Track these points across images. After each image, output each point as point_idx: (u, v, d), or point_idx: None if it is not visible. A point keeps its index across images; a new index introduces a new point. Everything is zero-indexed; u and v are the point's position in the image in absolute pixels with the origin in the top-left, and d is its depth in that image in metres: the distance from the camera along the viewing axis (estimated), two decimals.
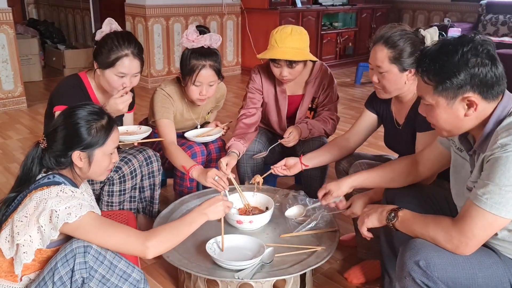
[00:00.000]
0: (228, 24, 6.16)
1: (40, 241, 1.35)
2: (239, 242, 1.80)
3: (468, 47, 1.26)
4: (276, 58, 2.21)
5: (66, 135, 1.44)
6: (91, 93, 2.10)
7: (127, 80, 2.01)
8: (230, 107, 4.58)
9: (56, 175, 1.45)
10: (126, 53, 1.98)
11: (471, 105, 1.30)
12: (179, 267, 1.70)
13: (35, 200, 1.35)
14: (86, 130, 1.44)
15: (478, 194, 1.26)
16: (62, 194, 1.36)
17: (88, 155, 1.46)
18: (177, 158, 2.14)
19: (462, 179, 1.45)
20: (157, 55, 5.55)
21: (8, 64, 4.49)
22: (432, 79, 1.31)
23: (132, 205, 2.20)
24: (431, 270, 1.29)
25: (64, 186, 1.41)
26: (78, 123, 1.44)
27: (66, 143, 1.44)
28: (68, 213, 1.32)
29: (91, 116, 1.46)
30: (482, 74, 1.26)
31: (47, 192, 1.36)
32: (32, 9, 8.62)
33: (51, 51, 6.53)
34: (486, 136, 1.32)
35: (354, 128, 2.15)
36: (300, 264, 1.70)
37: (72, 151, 1.44)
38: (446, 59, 1.28)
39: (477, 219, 1.26)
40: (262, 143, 2.46)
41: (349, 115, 4.56)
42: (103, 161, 1.50)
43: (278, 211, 2.05)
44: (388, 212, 1.49)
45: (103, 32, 2.04)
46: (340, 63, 6.83)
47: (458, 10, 7.05)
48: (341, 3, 6.73)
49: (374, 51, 1.82)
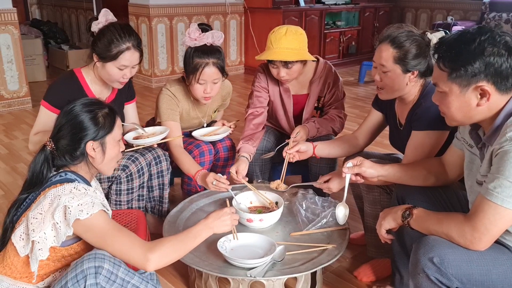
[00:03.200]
0: (232, 24, 6.16)
1: (55, 238, 1.36)
2: (250, 240, 1.80)
3: (486, 36, 1.27)
4: (271, 59, 2.22)
5: (74, 130, 1.44)
6: (85, 87, 2.10)
7: (127, 71, 2.03)
8: (234, 106, 4.58)
9: (68, 173, 1.45)
10: (128, 46, 1.99)
11: (484, 95, 1.29)
12: (190, 265, 1.70)
13: (49, 197, 1.36)
14: (92, 120, 1.45)
15: (489, 188, 1.26)
16: (75, 191, 1.37)
17: (101, 143, 1.47)
18: (183, 162, 2.17)
19: (473, 174, 1.45)
20: (161, 54, 5.55)
21: (13, 64, 4.50)
22: (447, 66, 1.32)
23: (140, 204, 2.20)
24: (445, 267, 1.29)
25: (77, 183, 1.42)
26: (81, 115, 1.45)
27: (76, 137, 1.44)
28: (80, 210, 1.32)
29: (92, 106, 1.47)
30: (498, 64, 1.26)
31: (61, 189, 1.37)
32: (35, 10, 8.63)
33: (55, 51, 6.54)
34: (496, 129, 1.32)
35: (363, 126, 2.16)
36: (311, 262, 1.70)
37: (84, 142, 1.44)
38: (462, 47, 1.29)
39: (489, 213, 1.26)
40: (270, 142, 2.46)
41: (353, 114, 4.56)
42: (114, 148, 1.52)
43: (288, 209, 2.05)
44: (402, 211, 1.50)
45: (99, 23, 2.04)
46: (343, 62, 6.82)
47: (461, 8, 7.04)
48: (344, 2, 6.72)
49: (380, 49, 1.82)
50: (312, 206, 2.01)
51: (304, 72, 2.36)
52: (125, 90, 2.26)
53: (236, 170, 2.12)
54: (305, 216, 1.97)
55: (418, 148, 1.81)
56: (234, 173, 2.11)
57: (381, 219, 1.59)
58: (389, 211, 1.57)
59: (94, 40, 2.03)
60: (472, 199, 1.46)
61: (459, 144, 1.60)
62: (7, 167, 3.26)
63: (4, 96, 4.53)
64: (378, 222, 1.60)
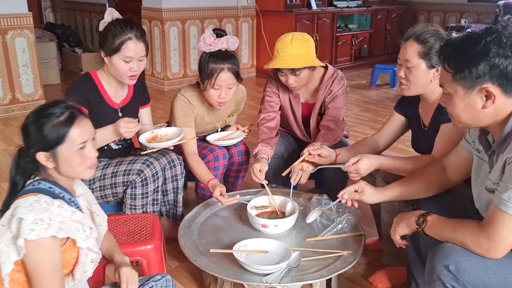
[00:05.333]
0: (244, 27, 6.18)
1: (17, 252, 1.22)
2: (265, 246, 1.80)
3: (492, 37, 1.25)
4: (278, 68, 2.22)
5: (24, 138, 1.34)
6: (101, 89, 2.13)
7: (134, 64, 2.04)
8: (246, 109, 4.57)
9: (41, 181, 1.33)
10: (130, 36, 2.01)
11: (489, 97, 1.27)
12: (206, 270, 1.71)
13: (12, 207, 1.25)
14: (37, 131, 1.30)
15: (503, 198, 1.25)
16: (36, 205, 1.23)
17: (51, 154, 1.31)
18: (196, 171, 2.19)
19: (481, 180, 1.44)
20: (173, 58, 5.58)
21: (28, 67, 4.56)
22: (452, 67, 1.30)
23: (155, 208, 2.21)
24: (461, 275, 1.28)
25: (41, 196, 1.27)
26: (29, 124, 1.32)
27: (28, 145, 1.33)
28: (31, 229, 1.18)
29: (41, 114, 1.32)
30: (503, 66, 1.24)
31: (23, 201, 1.25)
32: (49, 13, 8.72)
33: (69, 54, 6.61)
34: (506, 136, 1.30)
35: (383, 130, 2.16)
36: (326, 269, 1.70)
37: (31, 153, 1.31)
38: (468, 48, 1.27)
39: (504, 223, 1.25)
40: (284, 145, 2.47)
41: (365, 117, 4.55)
42: (72, 158, 1.33)
43: (302, 215, 2.05)
44: (417, 217, 1.49)
45: (105, 23, 2.08)
46: (355, 65, 6.81)
47: (474, 11, 6.98)
48: (356, 5, 6.71)
49: (405, 46, 1.84)
50: (327, 211, 2.00)
51: (314, 80, 2.36)
52: (140, 93, 2.29)
53: (260, 169, 2.14)
54: (319, 221, 1.97)
55: (447, 139, 1.80)
56: (258, 172, 2.13)
57: (395, 225, 1.58)
58: (403, 217, 1.56)
59: (100, 37, 2.08)
60: (480, 205, 1.46)
61: (468, 147, 1.58)
62: None
63: (20, 99, 4.59)
64: (392, 228, 1.60)
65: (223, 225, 2.04)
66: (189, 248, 1.83)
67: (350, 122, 4.34)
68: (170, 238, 2.21)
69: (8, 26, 4.36)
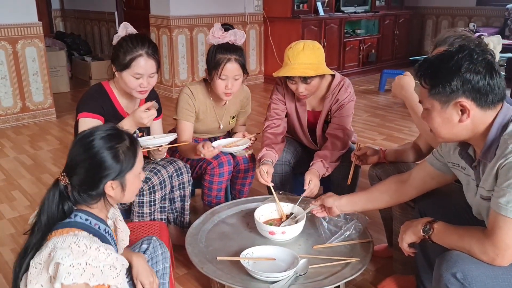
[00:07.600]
0: (251, 33, 6.20)
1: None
2: (273, 253, 1.80)
3: (464, 54, 1.31)
4: (289, 76, 2.22)
5: (92, 168, 1.29)
6: (114, 100, 2.14)
7: (144, 81, 2.04)
8: (254, 115, 4.59)
9: (78, 213, 1.31)
10: (141, 53, 2.02)
11: (464, 111, 1.33)
12: (213, 278, 1.71)
13: (50, 246, 1.22)
14: (113, 158, 1.30)
15: (502, 203, 1.25)
16: (74, 247, 1.20)
17: (120, 182, 1.33)
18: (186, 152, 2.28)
19: (472, 194, 1.47)
20: (181, 65, 5.61)
21: (38, 76, 4.61)
22: (428, 83, 1.37)
23: (162, 215, 2.22)
24: (469, 283, 1.28)
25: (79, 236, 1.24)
26: (102, 152, 1.29)
27: (94, 176, 1.30)
28: (68, 272, 1.17)
29: (112, 141, 1.31)
30: (474, 81, 1.29)
31: (61, 240, 1.22)
32: (59, 22, 8.83)
33: (78, 62, 6.68)
34: (490, 144, 1.34)
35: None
36: (334, 276, 1.69)
37: (102, 183, 1.30)
38: (441, 64, 1.34)
39: (506, 228, 1.26)
40: (290, 152, 2.46)
41: (374, 123, 4.54)
42: (134, 183, 1.38)
43: (310, 222, 2.04)
44: (423, 225, 1.48)
45: (119, 37, 2.09)
46: (363, 70, 6.80)
47: (483, 14, 6.95)
48: (363, 10, 6.71)
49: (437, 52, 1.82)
50: (335, 218, 1.99)
51: (321, 88, 2.36)
52: None
53: (266, 171, 2.16)
54: (327, 228, 1.96)
55: None
56: (265, 174, 2.14)
57: (402, 233, 1.58)
58: (409, 225, 1.56)
59: (112, 52, 2.10)
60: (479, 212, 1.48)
61: (438, 164, 1.62)
62: (33, 178, 3.33)
63: (30, 107, 4.64)
64: (399, 236, 1.60)
65: (230, 232, 2.04)
66: (197, 255, 1.84)
67: (359, 128, 4.33)
68: (178, 246, 2.21)
69: (19, 35, 4.42)
